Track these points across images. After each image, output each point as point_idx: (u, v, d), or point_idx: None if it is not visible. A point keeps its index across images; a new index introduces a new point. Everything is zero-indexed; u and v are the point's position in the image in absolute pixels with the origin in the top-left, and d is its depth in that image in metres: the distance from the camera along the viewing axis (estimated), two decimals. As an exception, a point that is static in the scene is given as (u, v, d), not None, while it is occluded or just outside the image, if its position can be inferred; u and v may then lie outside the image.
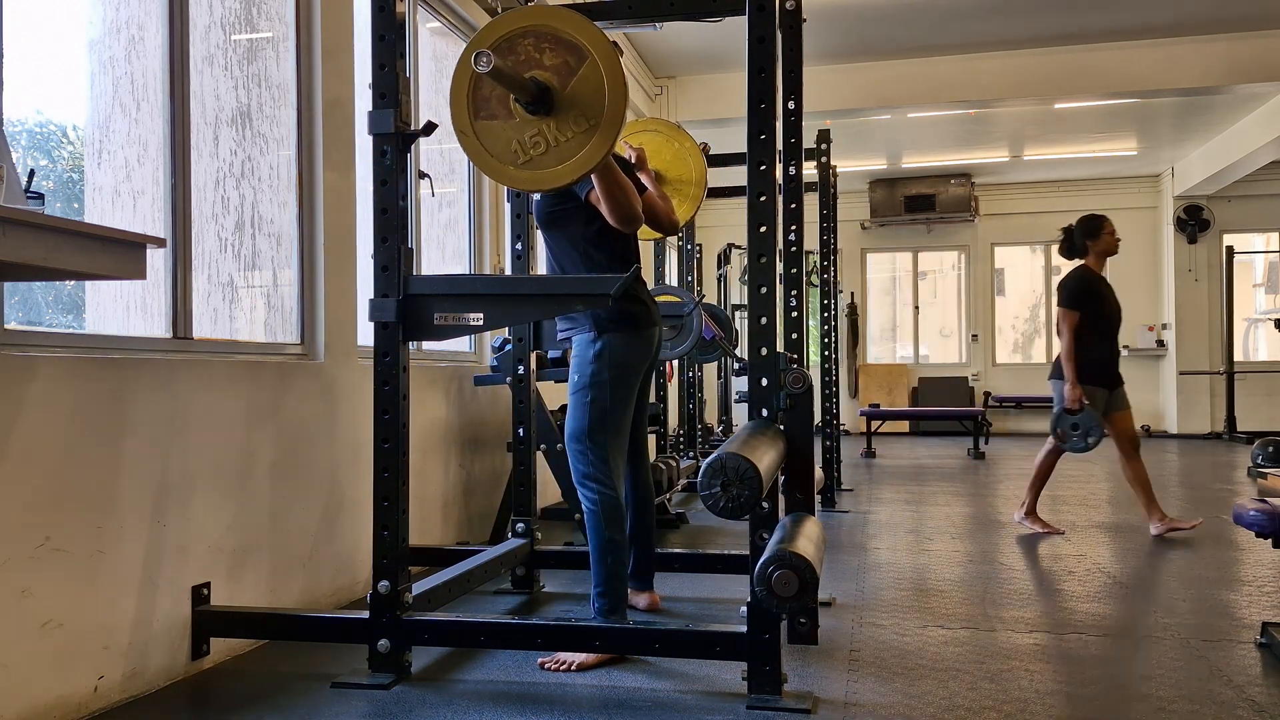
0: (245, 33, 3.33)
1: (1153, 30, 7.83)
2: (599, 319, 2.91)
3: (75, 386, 2.33)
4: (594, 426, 2.90)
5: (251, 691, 2.54)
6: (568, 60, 2.45)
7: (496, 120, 2.49)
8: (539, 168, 2.48)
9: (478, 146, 2.51)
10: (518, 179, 2.51)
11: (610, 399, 2.91)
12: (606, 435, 2.91)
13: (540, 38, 2.46)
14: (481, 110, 2.50)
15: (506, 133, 2.49)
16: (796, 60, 3.32)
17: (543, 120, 2.46)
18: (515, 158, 2.49)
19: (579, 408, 2.93)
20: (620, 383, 2.93)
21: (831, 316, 6.65)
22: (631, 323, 2.93)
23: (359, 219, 3.66)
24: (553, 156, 2.47)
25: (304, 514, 3.24)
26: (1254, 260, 13.01)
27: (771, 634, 2.36)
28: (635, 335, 2.95)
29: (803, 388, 2.59)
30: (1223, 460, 8.88)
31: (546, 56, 2.46)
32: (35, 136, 2.69)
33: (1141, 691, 2.48)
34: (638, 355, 2.96)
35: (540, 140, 2.47)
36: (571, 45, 2.45)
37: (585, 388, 2.92)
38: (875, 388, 13.00)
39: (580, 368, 2.94)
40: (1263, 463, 6.69)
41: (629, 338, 2.93)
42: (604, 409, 2.91)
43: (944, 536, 4.82)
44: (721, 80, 8.64)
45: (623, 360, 2.92)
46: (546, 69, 2.46)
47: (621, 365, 2.92)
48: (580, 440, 2.92)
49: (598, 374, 2.91)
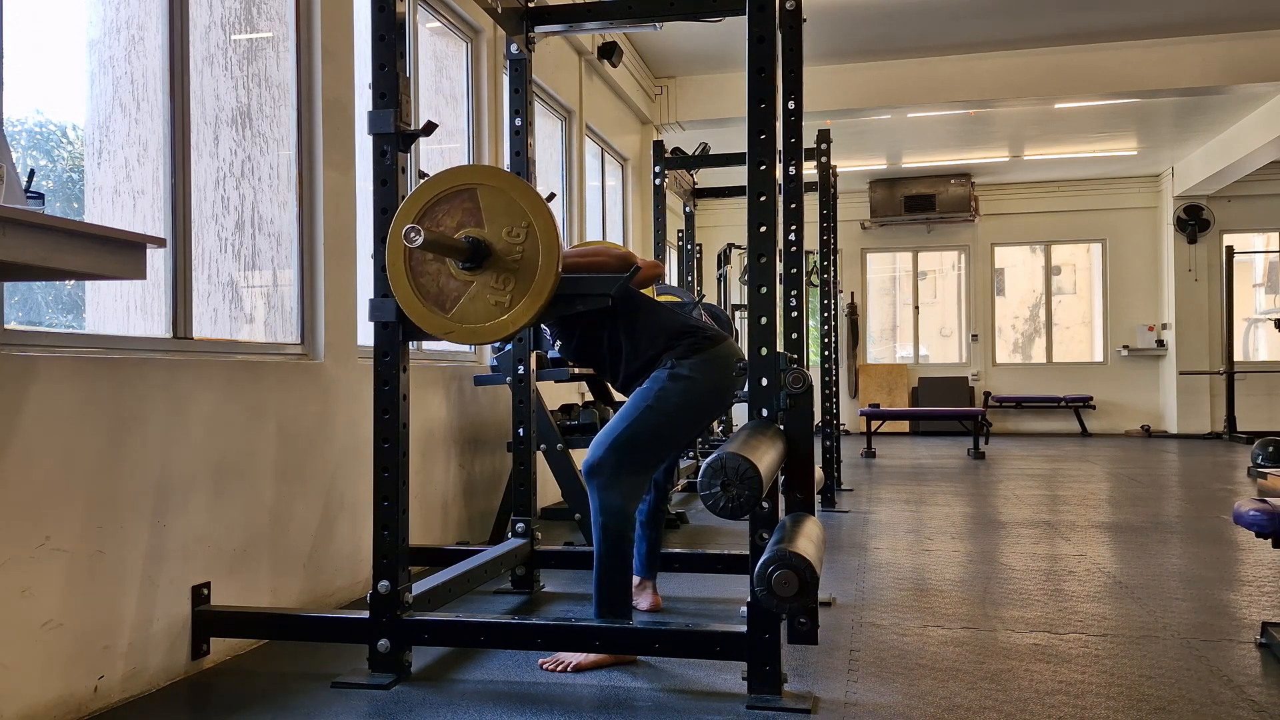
0: (245, 33, 3.33)
1: (1153, 30, 7.83)
2: (695, 350, 2.78)
3: (75, 386, 2.33)
4: (638, 448, 2.74)
5: (251, 691, 2.54)
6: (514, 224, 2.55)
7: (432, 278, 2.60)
8: (475, 322, 2.56)
9: (416, 304, 2.57)
10: (458, 334, 2.57)
11: (670, 423, 2.75)
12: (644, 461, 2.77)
13: (471, 195, 2.54)
14: (420, 273, 2.57)
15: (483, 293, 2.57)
16: (796, 60, 3.32)
17: (477, 275, 2.54)
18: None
19: (630, 417, 2.75)
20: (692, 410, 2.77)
21: (831, 316, 6.65)
22: (723, 366, 2.80)
23: (359, 219, 3.66)
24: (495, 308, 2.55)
25: (304, 514, 3.24)
26: (1254, 260, 13.02)
27: (771, 634, 2.36)
28: (725, 378, 2.81)
29: (803, 388, 2.59)
30: (1223, 460, 8.88)
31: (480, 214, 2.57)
32: (35, 136, 2.68)
33: (1141, 691, 2.48)
34: (716, 400, 2.82)
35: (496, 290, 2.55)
36: None
37: (649, 405, 2.74)
38: (875, 388, 13.00)
39: (657, 379, 2.77)
40: (1263, 463, 6.72)
41: (720, 377, 2.79)
42: (658, 434, 2.75)
43: (944, 536, 4.82)
44: (721, 80, 8.64)
45: (703, 400, 2.77)
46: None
47: (700, 403, 2.77)
48: (617, 449, 2.75)
49: (669, 394, 2.74)
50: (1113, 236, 12.77)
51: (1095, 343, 13.05)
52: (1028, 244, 13.24)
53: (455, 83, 5.10)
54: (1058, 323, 13.31)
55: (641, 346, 2.84)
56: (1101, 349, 12.90)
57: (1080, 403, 12.59)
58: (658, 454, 2.82)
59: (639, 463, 2.78)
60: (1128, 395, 12.67)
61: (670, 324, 2.86)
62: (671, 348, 2.80)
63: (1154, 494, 6.49)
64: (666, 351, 2.80)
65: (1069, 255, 13.49)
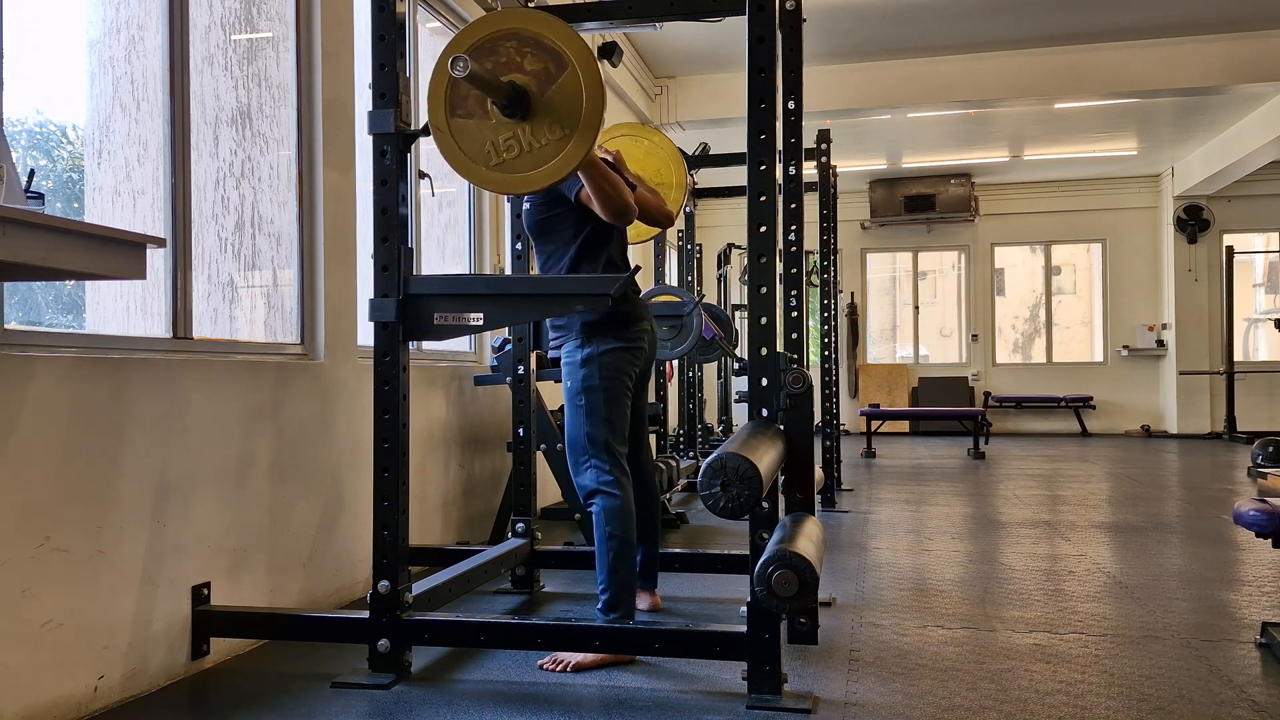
0: (245, 33, 3.33)
1: (1153, 30, 7.83)
2: (585, 323, 2.89)
3: (75, 386, 2.33)
4: (592, 432, 2.88)
5: (251, 691, 2.54)
6: (548, 66, 2.45)
7: (472, 119, 2.49)
8: (511, 171, 2.48)
9: (451, 144, 2.51)
10: (488, 180, 2.51)
11: (604, 402, 2.89)
12: (606, 439, 2.89)
13: (523, 41, 2.46)
14: (458, 108, 2.50)
15: (481, 133, 2.48)
16: (796, 60, 3.32)
17: (519, 124, 2.46)
18: (488, 159, 2.49)
19: (575, 413, 2.91)
20: (613, 385, 2.90)
21: (831, 316, 6.65)
22: (618, 324, 2.91)
23: (359, 219, 3.66)
24: (526, 161, 2.47)
25: (304, 514, 3.24)
26: (1254, 260, 13.02)
27: (771, 634, 2.36)
28: (623, 334, 2.92)
29: (803, 388, 2.59)
30: (1223, 460, 8.88)
31: (528, 61, 2.46)
32: (35, 136, 2.69)
33: (1141, 691, 2.48)
34: (627, 356, 2.94)
35: (514, 144, 2.47)
36: (553, 52, 2.45)
37: (578, 393, 2.90)
38: (875, 388, 13.01)
39: (571, 373, 2.92)
40: (1263, 463, 6.72)
41: (617, 338, 2.91)
42: (599, 413, 2.88)
43: (944, 536, 4.82)
44: (721, 80, 8.64)
45: (612, 362, 2.90)
46: (526, 73, 2.45)
47: (612, 367, 2.90)
48: (582, 450, 2.90)
49: (589, 378, 2.89)
50: (1113, 236, 12.77)
51: (1095, 343, 13.05)
52: (1028, 244, 13.25)
53: (455, 83, 5.09)
54: (1058, 323, 13.32)
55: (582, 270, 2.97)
56: (1101, 349, 12.90)
57: (1080, 403, 12.59)
58: (614, 424, 2.91)
59: (605, 441, 2.88)
60: (1128, 395, 12.68)
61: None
62: (585, 318, 2.88)
63: (1154, 494, 6.49)
64: (581, 323, 2.89)
65: (1069, 255, 13.50)
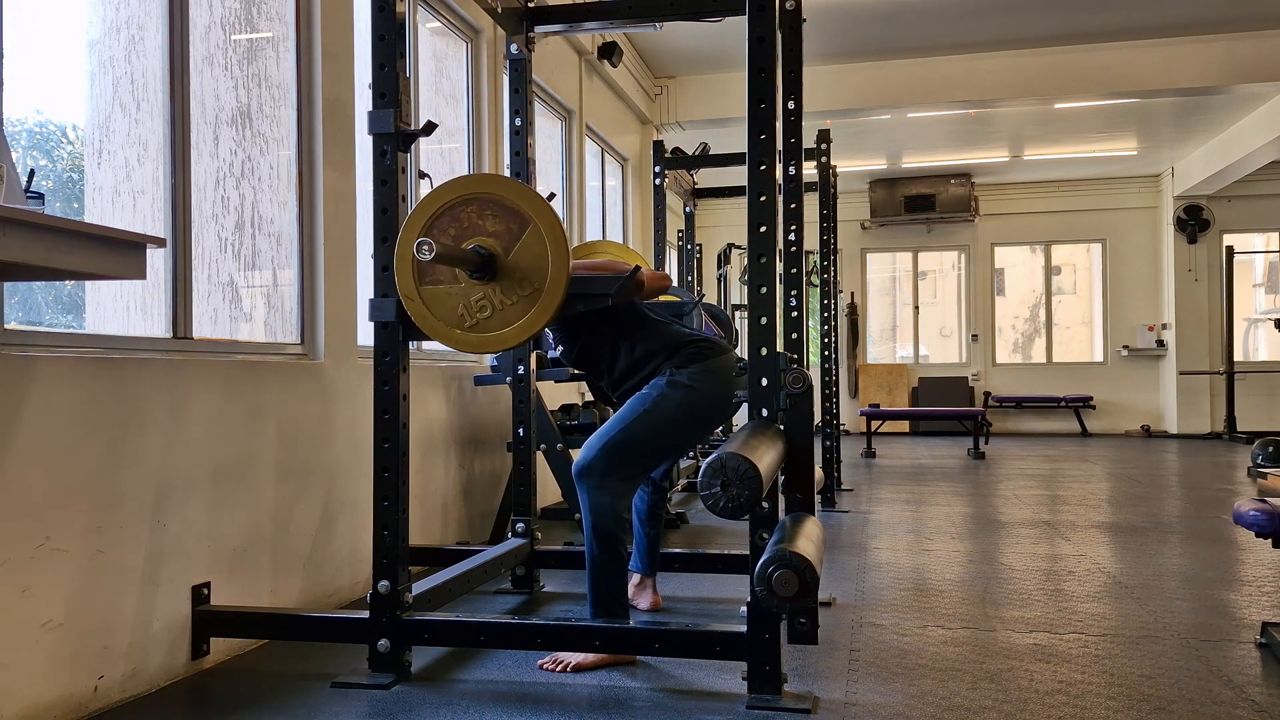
0: (245, 33, 3.33)
1: (1153, 30, 7.83)
2: (676, 366, 2.77)
3: (75, 386, 2.33)
4: (635, 449, 2.75)
5: (251, 691, 2.54)
6: (510, 226, 2.52)
7: (441, 285, 2.56)
8: (484, 330, 2.55)
9: (424, 311, 2.56)
10: (464, 341, 2.57)
11: (667, 434, 2.77)
12: (641, 464, 2.79)
13: (484, 204, 2.53)
14: (427, 276, 2.56)
15: (452, 298, 2.56)
16: (796, 60, 3.32)
17: (488, 285, 2.52)
18: (461, 321, 2.56)
19: (625, 421, 2.75)
20: (688, 418, 2.76)
21: (831, 316, 6.65)
22: (725, 373, 2.81)
23: (359, 219, 3.66)
24: (498, 320, 2.54)
25: (304, 514, 3.24)
26: (1254, 260, 13.02)
27: (771, 634, 2.36)
28: (726, 385, 2.82)
29: (803, 388, 2.59)
30: (1223, 460, 8.88)
31: (489, 222, 2.53)
32: (35, 136, 2.68)
33: (1141, 691, 2.48)
34: (719, 409, 2.82)
35: (486, 304, 2.54)
36: (513, 211, 2.52)
37: (645, 410, 2.74)
38: (875, 388, 13.00)
39: (655, 385, 2.77)
40: (1263, 463, 6.72)
41: (719, 389, 2.80)
42: (654, 439, 2.75)
43: (944, 536, 4.82)
44: (721, 80, 8.64)
45: (705, 413, 2.78)
46: (490, 234, 2.52)
47: (701, 401, 2.75)
48: (612, 452, 2.75)
49: (667, 401, 2.73)
50: (1113, 236, 12.77)
51: (1095, 343, 13.05)
52: (1028, 244, 13.24)
53: (455, 83, 5.10)
54: (1058, 323, 13.31)
55: (640, 356, 2.83)
56: (1101, 349, 12.90)
57: (1080, 403, 12.59)
58: (650, 460, 2.84)
59: (630, 466, 2.79)
60: (1128, 395, 12.68)
61: (672, 336, 2.86)
62: (671, 357, 2.80)
63: (1154, 494, 6.49)
64: (667, 361, 2.80)
65: (1069, 255, 13.49)
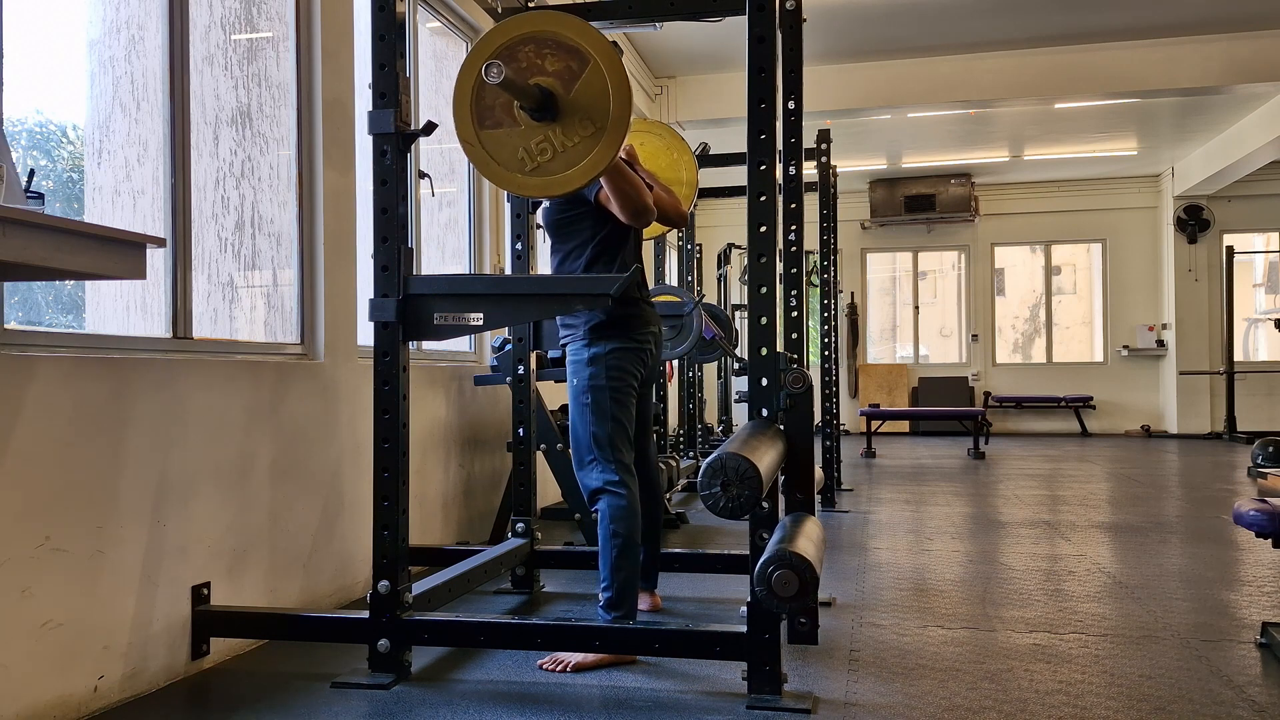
0: (245, 33, 3.33)
1: (1153, 30, 7.83)
2: (593, 323, 2.89)
3: (75, 386, 2.33)
4: (598, 431, 2.88)
5: (251, 691, 2.54)
6: (570, 65, 2.44)
7: (502, 128, 2.48)
8: (548, 174, 2.48)
9: (484, 156, 2.50)
10: (527, 186, 2.50)
11: (610, 401, 2.89)
12: (611, 438, 2.89)
13: (541, 43, 2.46)
14: (486, 119, 2.49)
15: (513, 141, 2.48)
16: (796, 60, 3.32)
17: (548, 126, 2.46)
18: (523, 165, 2.48)
19: (580, 412, 2.91)
20: (619, 385, 2.90)
21: (831, 316, 6.65)
22: (626, 325, 2.92)
23: (359, 219, 3.66)
24: (560, 162, 2.46)
25: (304, 514, 3.24)
26: (1254, 260, 13.02)
27: (771, 634, 2.36)
28: (630, 334, 2.93)
29: (803, 388, 2.59)
30: (1223, 460, 8.88)
31: (549, 62, 2.45)
32: (35, 136, 2.69)
33: (1141, 691, 2.48)
34: (633, 357, 2.94)
35: (547, 146, 2.46)
36: (573, 50, 2.44)
37: (584, 391, 2.90)
38: (875, 388, 13.00)
39: (577, 371, 2.92)
40: (1263, 463, 6.71)
41: (624, 338, 2.91)
42: (605, 412, 2.88)
43: (944, 536, 4.82)
44: (721, 80, 8.64)
45: (618, 362, 2.90)
46: (549, 75, 2.45)
47: (618, 367, 2.90)
48: (587, 449, 2.89)
49: (595, 377, 2.89)
50: (1113, 236, 12.77)
51: (1095, 343, 13.05)
52: (1028, 244, 13.24)
53: (455, 83, 5.09)
54: (1058, 323, 13.31)
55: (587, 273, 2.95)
56: (1101, 349, 12.90)
57: (1080, 403, 12.59)
58: (620, 423, 2.91)
59: (610, 440, 2.88)
60: (1128, 395, 12.68)
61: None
62: (594, 318, 2.88)
63: (1154, 494, 6.49)
64: (588, 323, 2.89)
65: (1069, 255, 13.49)
